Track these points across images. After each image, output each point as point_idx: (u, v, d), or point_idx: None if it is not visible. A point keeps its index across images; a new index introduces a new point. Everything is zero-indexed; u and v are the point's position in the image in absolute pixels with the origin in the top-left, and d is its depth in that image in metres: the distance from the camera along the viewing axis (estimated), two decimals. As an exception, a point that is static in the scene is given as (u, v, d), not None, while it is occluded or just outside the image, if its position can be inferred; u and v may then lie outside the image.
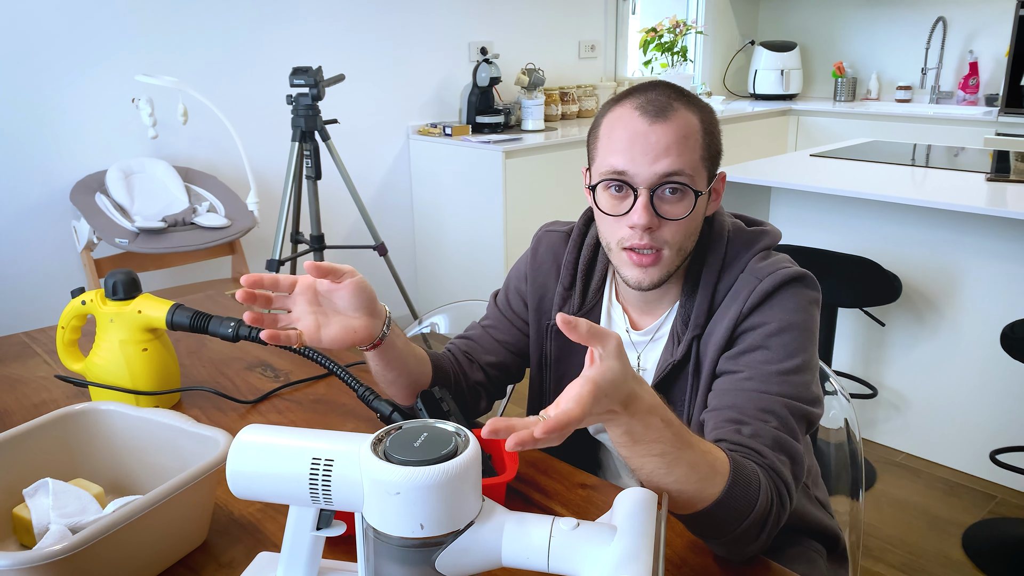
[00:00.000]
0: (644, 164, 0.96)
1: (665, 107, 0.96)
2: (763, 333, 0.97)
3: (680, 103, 0.98)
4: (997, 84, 4.25)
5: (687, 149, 0.96)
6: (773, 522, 0.86)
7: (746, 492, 0.81)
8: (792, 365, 0.96)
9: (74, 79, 2.65)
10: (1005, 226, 2.30)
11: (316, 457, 0.67)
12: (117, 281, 1.17)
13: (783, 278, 0.99)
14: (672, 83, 1.02)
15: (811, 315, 1.00)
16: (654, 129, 0.96)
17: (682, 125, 0.96)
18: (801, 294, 0.99)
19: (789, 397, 0.94)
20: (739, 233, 1.06)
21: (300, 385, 1.35)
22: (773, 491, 0.86)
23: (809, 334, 0.99)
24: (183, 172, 2.79)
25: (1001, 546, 2.17)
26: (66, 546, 0.72)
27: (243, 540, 0.93)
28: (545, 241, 1.20)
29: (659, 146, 0.95)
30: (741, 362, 0.98)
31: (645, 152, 0.95)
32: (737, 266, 1.03)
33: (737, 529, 0.82)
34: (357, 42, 3.34)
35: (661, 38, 4.42)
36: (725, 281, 1.03)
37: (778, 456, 0.89)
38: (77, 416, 0.98)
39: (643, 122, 0.96)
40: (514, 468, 0.95)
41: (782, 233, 1.10)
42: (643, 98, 0.98)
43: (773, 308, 0.98)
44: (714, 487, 0.79)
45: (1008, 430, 2.42)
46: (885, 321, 2.61)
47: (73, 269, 2.77)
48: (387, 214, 3.61)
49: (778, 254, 1.06)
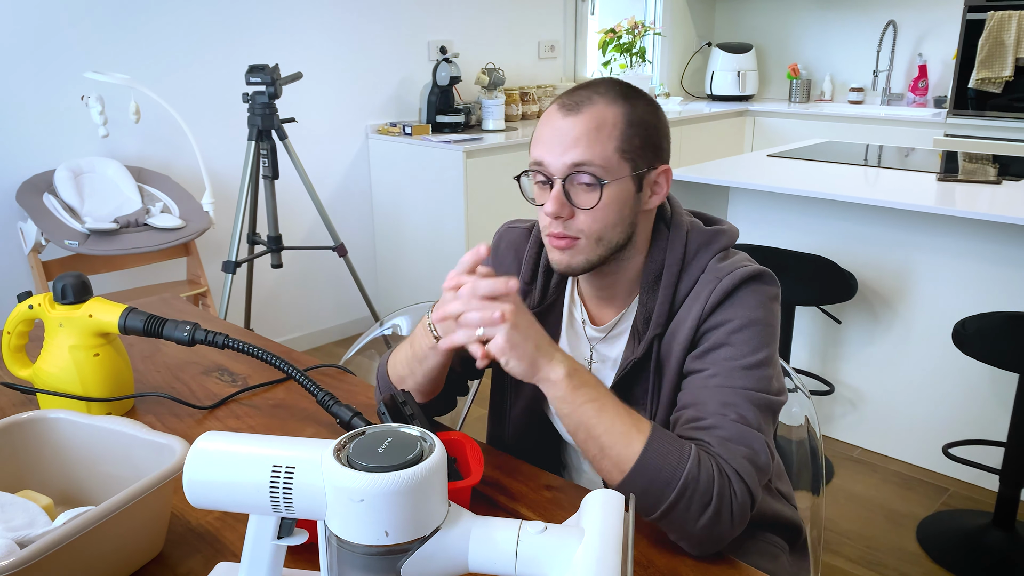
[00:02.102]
0: (556, 155, 0.99)
1: (582, 101, 0.99)
2: (726, 330, 0.99)
3: (603, 98, 1.00)
4: (945, 86, 4.37)
5: (597, 141, 0.98)
6: (724, 502, 0.88)
7: (670, 451, 0.89)
8: (756, 360, 0.98)
9: (20, 75, 2.57)
10: (955, 225, 2.36)
11: (277, 465, 0.65)
12: (67, 284, 1.14)
13: (743, 276, 1.01)
14: (619, 81, 1.04)
15: (771, 311, 1.02)
16: (567, 122, 0.99)
17: (595, 117, 0.98)
18: (761, 291, 1.02)
19: (753, 389, 0.97)
20: (698, 233, 1.08)
21: (259, 390, 1.32)
22: (715, 469, 0.89)
23: (771, 329, 1.01)
24: (135, 172, 2.72)
25: (953, 538, 2.22)
26: (13, 561, 0.70)
27: (201, 550, 0.91)
28: (507, 238, 1.21)
29: (568, 137, 0.98)
30: (707, 360, 1.00)
31: (558, 143, 0.99)
32: (697, 266, 1.05)
33: (668, 499, 0.87)
34: (315, 40, 3.30)
35: (620, 39, 4.45)
36: (686, 281, 1.05)
37: (734, 447, 0.92)
38: (24, 425, 0.95)
39: (559, 116, 1.00)
40: (479, 472, 0.94)
41: (739, 231, 1.11)
42: (569, 95, 1.02)
43: (735, 306, 1.00)
44: (638, 442, 0.90)
45: (959, 424, 2.49)
46: (841, 319, 2.66)
47: (20, 272, 2.68)
48: (346, 214, 3.57)
49: (737, 253, 1.08)
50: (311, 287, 3.53)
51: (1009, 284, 2.31)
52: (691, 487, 0.87)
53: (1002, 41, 3.73)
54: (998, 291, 2.33)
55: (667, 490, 0.87)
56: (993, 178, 2.48)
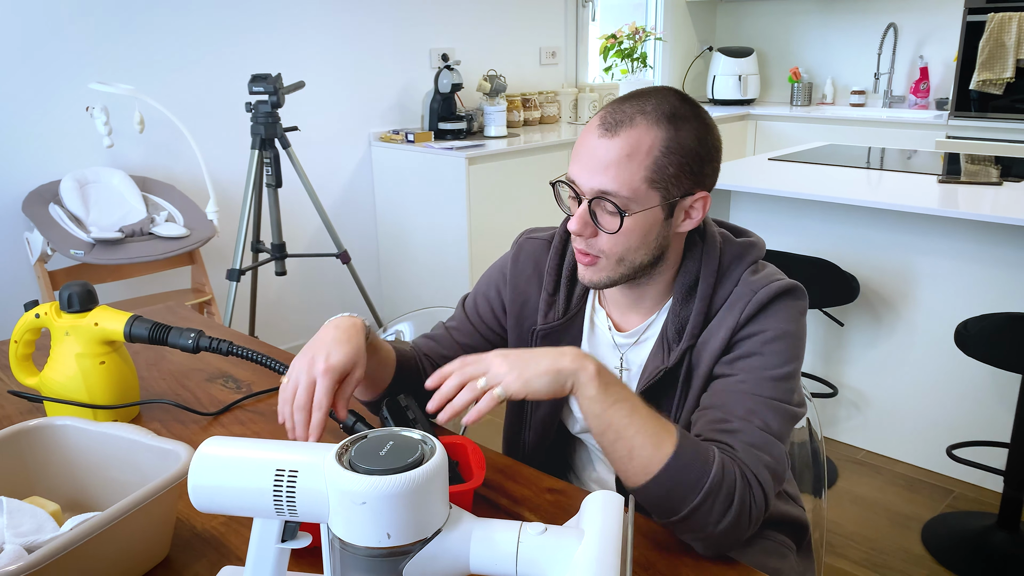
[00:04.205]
0: (586, 177, 0.99)
1: (623, 121, 0.97)
2: (760, 340, 1.01)
3: (646, 119, 0.97)
4: (947, 88, 4.37)
5: (627, 169, 0.96)
6: (744, 507, 0.89)
7: (697, 455, 0.89)
8: (784, 372, 1.00)
9: (25, 86, 2.59)
10: (957, 226, 2.37)
11: (280, 468, 0.66)
12: (73, 293, 1.15)
13: (778, 290, 1.03)
14: (674, 96, 1.00)
15: (802, 325, 1.05)
16: (601, 143, 0.97)
17: (630, 142, 0.96)
18: (794, 305, 1.04)
19: (778, 400, 0.98)
20: (730, 245, 1.09)
21: (263, 396, 1.33)
22: (737, 474, 0.90)
23: (800, 343, 1.04)
24: (140, 181, 2.74)
25: (958, 539, 2.22)
26: (21, 566, 0.70)
27: (206, 555, 0.91)
28: (527, 248, 1.21)
29: (599, 163, 0.97)
30: (737, 367, 1.01)
31: (589, 165, 0.98)
32: (731, 278, 1.06)
33: (693, 502, 0.87)
34: (317, 49, 3.32)
35: (621, 44, 4.46)
36: (720, 293, 1.06)
37: (757, 454, 0.93)
38: (32, 432, 0.96)
39: (595, 135, 0.98)
40: (481, 475, 0.95)
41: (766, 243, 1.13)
42: (611, 109, 0.99)
43: (769, 318, 1.02)
44: (668, 445, 0.89)
45: (963, 426, 2.48)
46: (844, 321, 2.66)
47: (26, 282, 2.70)
48: (350, 222, 3.59)
49: (768, 266, 1.10)
50: (315, 294, 3.54)
51: (1011, 285, 2.31)
52: (715, 491, 0.88)
53: (1003, 43, 3.73)
54: (1000, 292, 2.33)
55: (692, 494, 0.88)
56: (995, 179, 2.48)
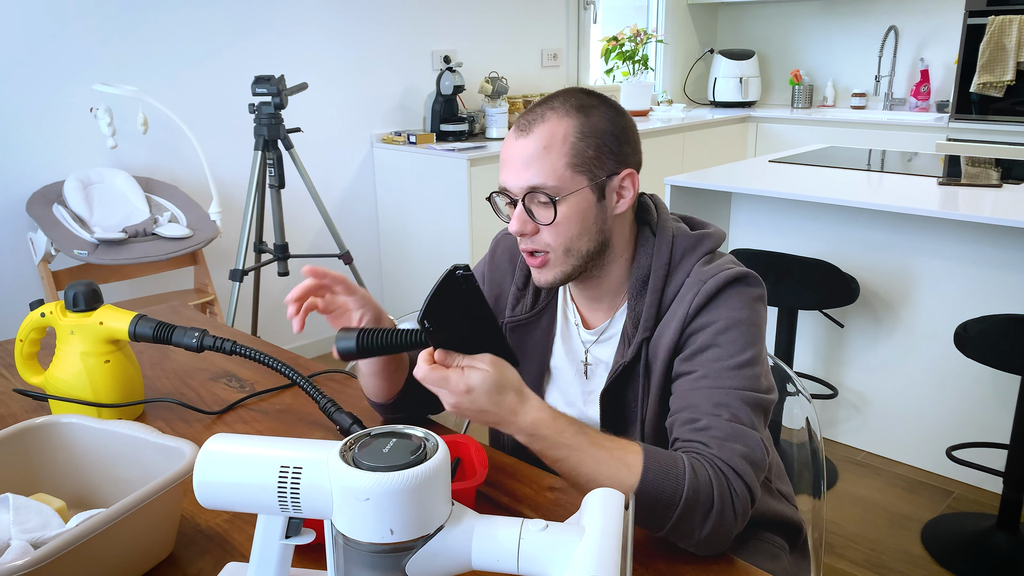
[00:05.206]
0: (513, 178, 1.03)
1: (534, 121, 1.02)
2: (712, 332, 1.01)
3: (555, 113, 1.02)
4: (947, 91, 4.37)
5: (547, 160, 1.00)
6: (726, 504, 0.89)
7: (666, 478, 0.89)
8: (743, 359, 0.99)
9: (30, 87, 2.60)
10: (957, 228, 2.37)
11: (284, 465, 0.67)
12: (78, 292, 1.16)
13: (726, 279, 1.03)
14: (577, 91, 1.06)
15: (756, 311, 1.04)
16: (519, 144, 1.03)
17: (544, 136, 1.01)
18: (744, 292, 1.03)
19: (743, 389, 0.98)
20: (683, 237, 1.10)
21: (266, 395, 1.34)
22: (711, 473, 0.90)
23: (756, 329, 1.02)
24: (143, 182, 2.75)
25: (958, 540, 2.22)
26: (28, 561, 0.71)
27: (211, 551, 0.92)
28: (503, 243, 1.24)
29: (522, 162, 1.02)
30: (695, 362, 1.01)
31: (514, 167, 1.03)
32: (683, 270, 1.07)
33: (673, 516, 0.88)
34: (320, 51, 3.33)
35: (622, 47, 4.47)
36: (672, 285, 1.07)
37: (730, 446, 0.93)
38: (37, 430, 0.96)
39: (513, 139, 1.04)
40: (483, 473, 0.95)
41: (726, 234, 1.13)
42: (522, 115, 1.05)
43: (719, 307, 1.02)
44: (630, 478, 0.88)
45: (962, 427, 2.49)
46: (844, 322, 2.66)
47: (30, 282, 2.71)
48: (352, 222, 3.60)
49: (723, 256, 1.10)
50: (317, 295, 3.54)
51: (1010, 287, 2.32)
52: (692, 499, 0.88)
53: (1003, 46, 3.74)
54: (999, 294, 2.34)
55: (670, 509, 0.88)
56: (995, 182, 2.49)
